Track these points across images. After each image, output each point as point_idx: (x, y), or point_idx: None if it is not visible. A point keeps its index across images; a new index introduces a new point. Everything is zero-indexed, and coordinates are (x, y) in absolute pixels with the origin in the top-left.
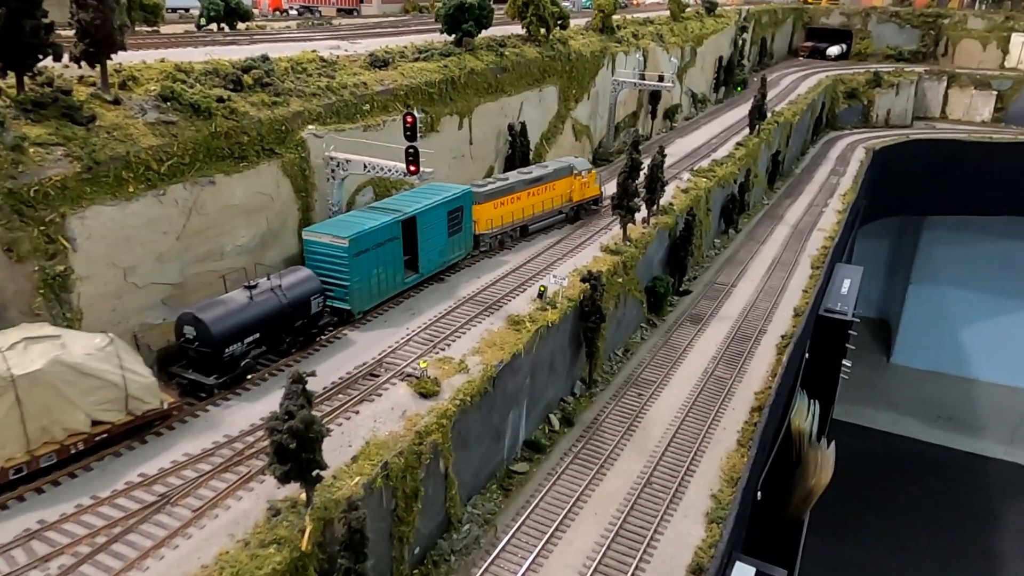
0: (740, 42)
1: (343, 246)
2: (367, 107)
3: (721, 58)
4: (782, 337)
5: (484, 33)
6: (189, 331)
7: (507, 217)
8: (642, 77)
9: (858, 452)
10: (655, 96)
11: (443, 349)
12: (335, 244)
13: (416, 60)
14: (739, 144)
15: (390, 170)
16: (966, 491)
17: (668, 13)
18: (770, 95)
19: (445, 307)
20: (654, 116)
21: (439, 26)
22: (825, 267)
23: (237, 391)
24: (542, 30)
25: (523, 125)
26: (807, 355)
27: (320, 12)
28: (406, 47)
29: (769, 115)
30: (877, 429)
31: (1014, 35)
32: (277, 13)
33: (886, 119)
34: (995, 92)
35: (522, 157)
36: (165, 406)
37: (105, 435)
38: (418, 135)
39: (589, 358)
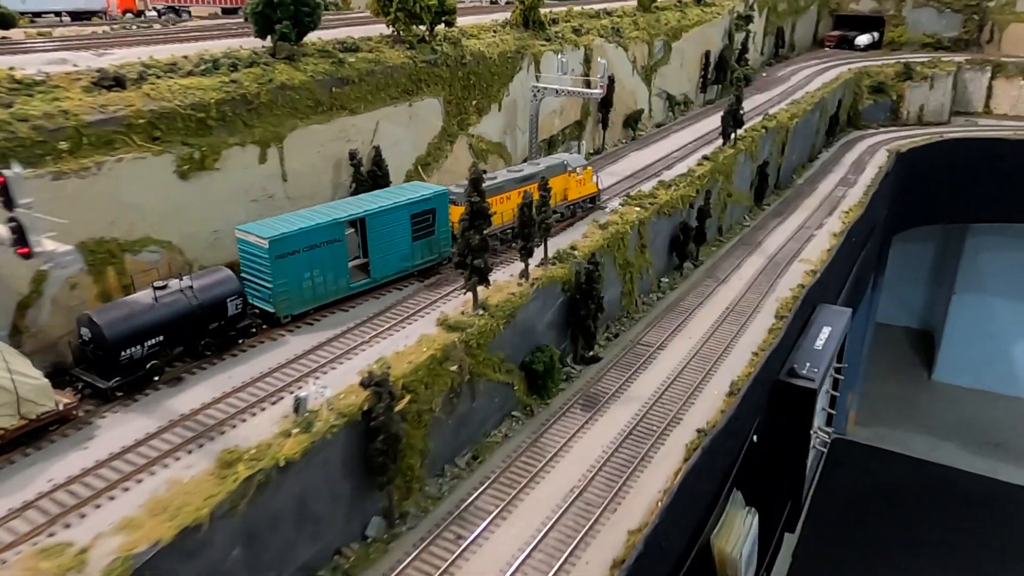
0: (744, 34)
1: (263, 247)
2: (66, 145)
3: (708, 53)
4: (698, 432)
5: (329, 34)
6: (85, 332)
7: (496, 219)
8: (586, 83)
9: (889, 483)
10: (606, 101)
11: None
12: (257, 244)
13: (190, 75)
14: (705, 158)
15: None
16: (1014, 530)
17: (636, 3)
18: (775, 92)
19: (142, 434)
20: (605, 125)
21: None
22: (792, 314)
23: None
24: (416, 28)
25: (377, 150)
26: (753, 439)
27: (190, 13)
28: (186, 57)
29: (761, 119)
30: (912, 456)
31: None
32: (129, 15)
33: (919, 116)
34: None
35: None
36: (61, 407)
37: None
38: (17, 200)
39: (385, 487)
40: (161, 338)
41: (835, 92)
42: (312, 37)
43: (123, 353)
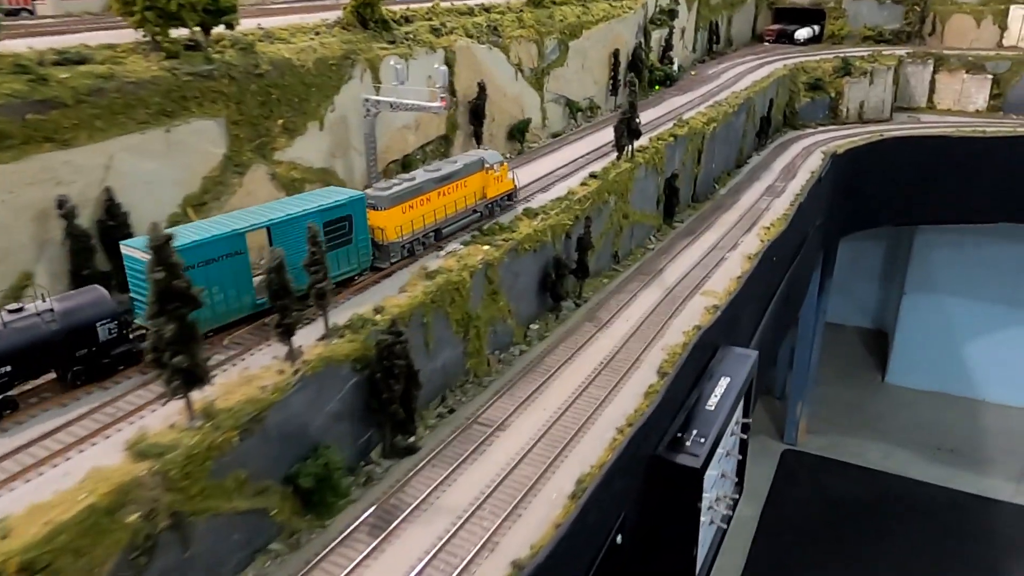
0: (667, 29)
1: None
2: None
3: (617, 52)
4: (513, 566)
5: (45, 42)
6: None
7: (418, 222)
8: (451, 91)
9: (843, 496)
10: (477, 112)
11: None
12: (143, 259)
13: None
14: (593, 176)
15: None
16: (969, 540)
17: None
18: (699, 93)
19: None
20: (479, 139)
21: None
22: (677, 369)
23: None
24: (176, 31)
25: (110, 193)
26: (616, 540)
27: (32, 11)
28: None
29: (671, 126)
30: (866, 467)
31: (1013, 8)
32: None
33: (859, 113)
34: (991, 76)
35: (110, 245)
36: None
37: None
38: None
39: None
40: (8, 368)
41: (766, 91)
42: (4, 46)
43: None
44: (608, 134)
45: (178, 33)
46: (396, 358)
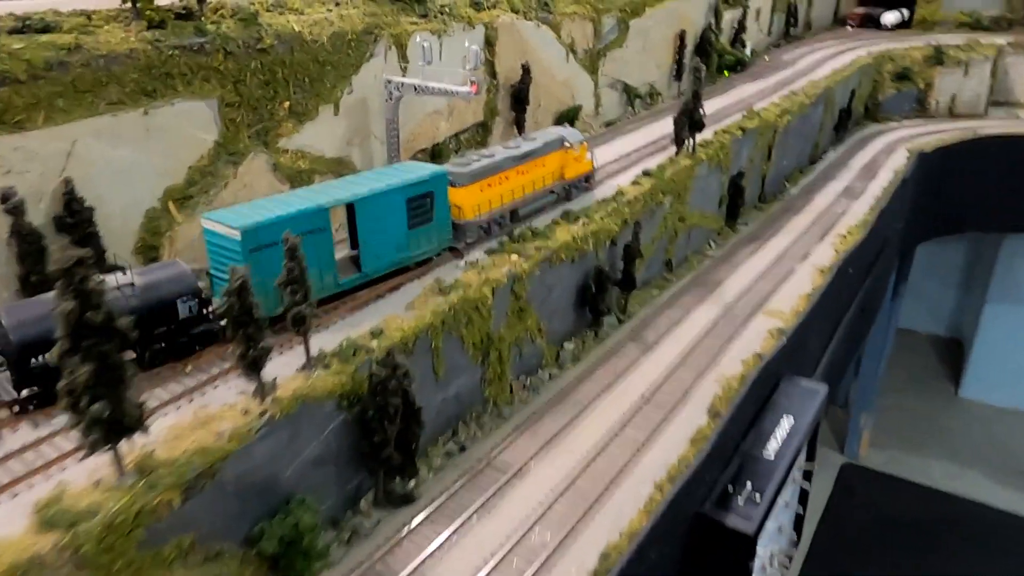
0: (740, 10)
1: (235, 239)
2: None
3: (683, 34)
4: None
5: (5, 6)
6: None
7: (495, 201)
8: (491, 73)
9: (903, 516)
10: (520, 96)
11: None
12: (228, 236)
13: None
14: (646, 173)
15: None
16: None
17: None
18: (772, 81)
19: None
20: (521, 127)
21: None
22: (733, 409)
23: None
24: None
25: (70, 188)
26: None
27: None
28: None
29: (741, 117)
30: (931, 487)
31: None
32: None
33: (950, 107)
34: None
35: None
36: None
37: None
38: None
39: None
40: None
41: (848, 80)
42: None
43: (34, 360)
44: (669, 124)
45: (165, 0)
46: (392, 395)
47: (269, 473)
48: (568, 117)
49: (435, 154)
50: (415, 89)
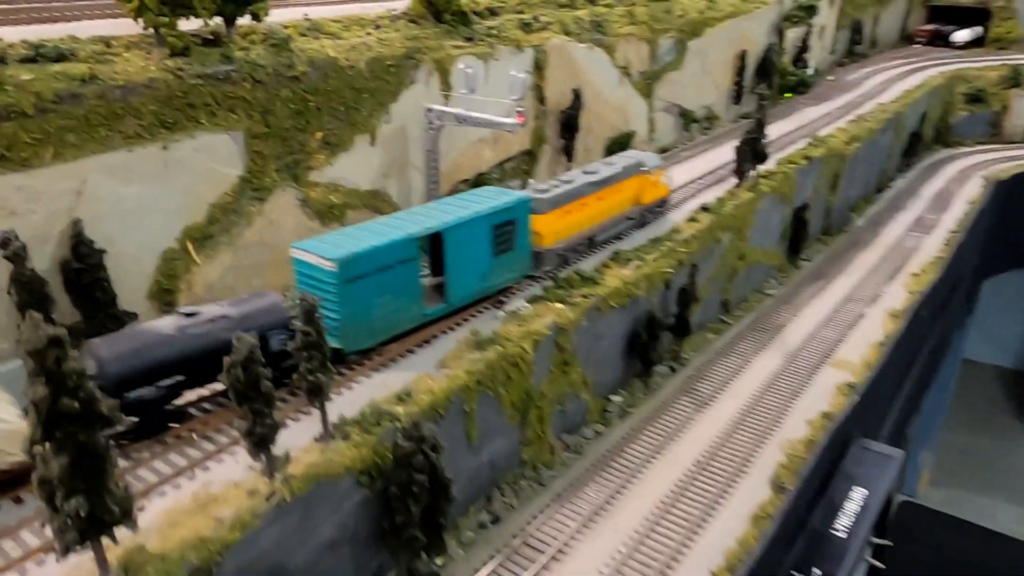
0: (804, 28)
1: (331, 270)
2: None
3: (745, 54)
4: None
5: (21, 32)
6: (91, 365)
7: (574, 227)
8: (539, 98)
9: (964, 560)
10: (569, 123)
11: None
12: (322, 267)
13: None
14: (704, 209)
15: None
16: None
17: None
18: (838, 104)
19: None
20: (570, 155)
21: None
22: (801, 484)
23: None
24: (185, 23)
25: (78, 230)
26: None
27: None
28: None
29: (806, 144)
30: (994, 531)
31: None
32: None
33: None
34: None
35: (80, 292)
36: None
37: None
38: None
39: None
40: (181, 377)
41: (918, 103)
42: None
43: (129, 394)
44: (727, 150)
45: (191, 25)
46: (417, 471)
47: (276, 561)
48: (620, 144)
49: (477, 184)
50: (457, 119)
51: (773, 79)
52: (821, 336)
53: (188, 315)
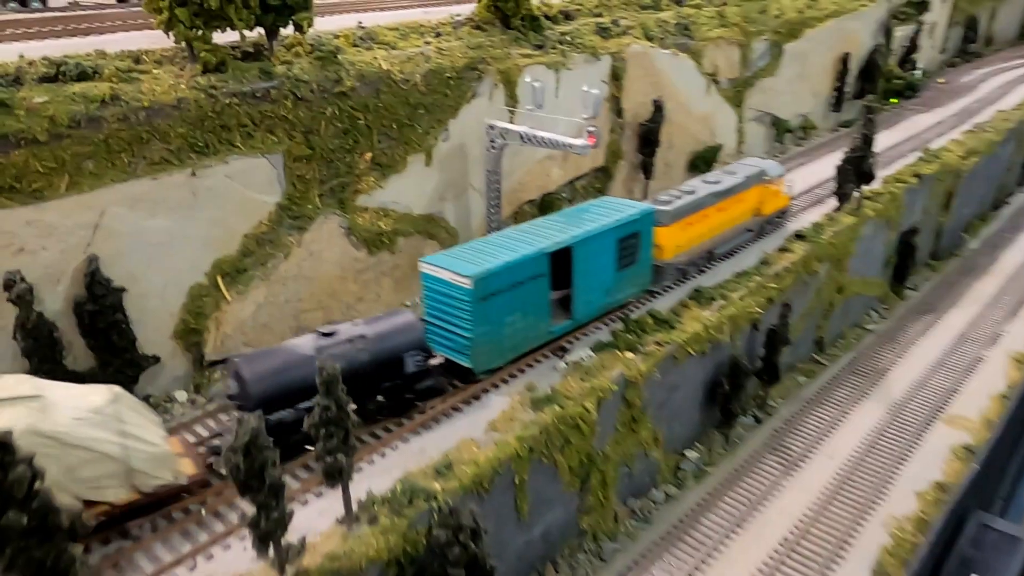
0: (914, 26)
1: (466, 287)
2: None
3: (847, 57)
4: None
5: (46, 47)
6: (232, 386)
7: (695, 239)
8: (616, 110)
9: None
10: (649, 137)
11: None
12: (456, 283)
13: None
14: (799, 237)
15: None
16: None
17: None
18: (951, 111)
19: None
20: (648, 172)
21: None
22: (917, 563)
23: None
24: (219, 35)
25: (94, 267)
26: None
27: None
28: None
29: (916, 159)
30: None
31: None
32: None
33: None
34: None
35: (96, 335)
36: (183, 480)
37: (103, 518)
38: None
39: None
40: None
41: None
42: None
43: (271, 416)
44: (826, 164)
45: (232, 36)
46: (454, 565)
47: None
48: (705, 158)
49: (544, 205)
50: (522, 138)
51: (878, 84)
52: (931, 384)
53: (326, 335)
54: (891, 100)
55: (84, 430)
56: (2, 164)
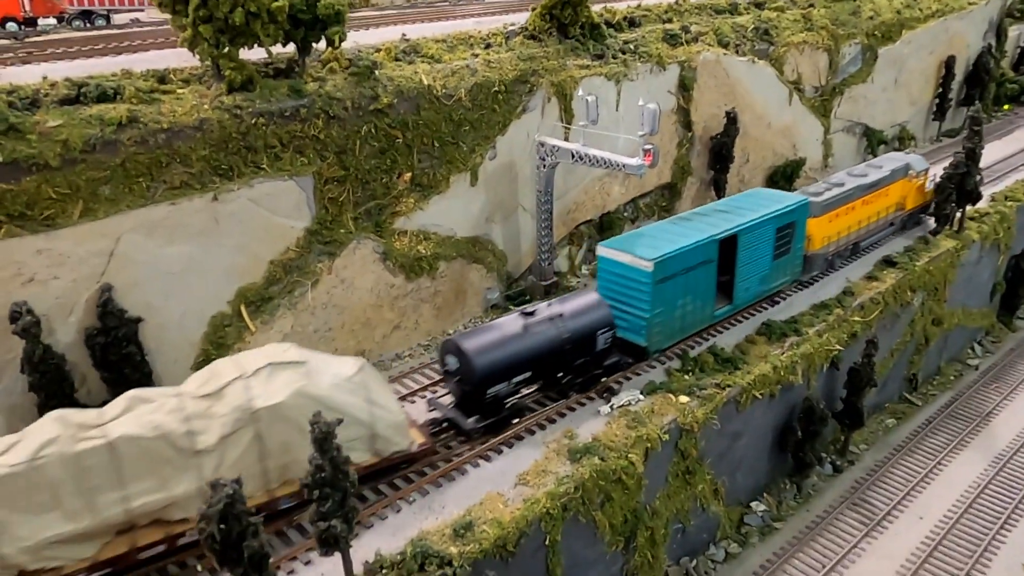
0: None
1: (646, 270)
2: None
3: (952, 61)
4: None
5: (72, 68)
6: (451, 362)
7: (842, 232)
8: (686, 123)
9: None
10: (721, 151)
11: None
12: (636, 267)
13: None
14: (889, 263)
15: None
16: None
17: None
18: None
19: None
20: (720, 189)
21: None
22: None
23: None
24: (244, 49)
25: (107, 297)
26: None
27: (108, 17)
28: None
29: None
30: None
31: None
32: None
33: None
34: None
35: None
36: (414, 448)
37: None
38: None
39: None
40: (529, 374)
41: None
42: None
43: (490, 390)
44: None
45: (262, 53)
46: None
47: None
48: (786, 173)
49: (603, 226)
50: (572, 156)
51: (988, 90)
52: None
53: (528, 314)
54: (1004, 107)
55: (340, 395)
56: (12, 191)
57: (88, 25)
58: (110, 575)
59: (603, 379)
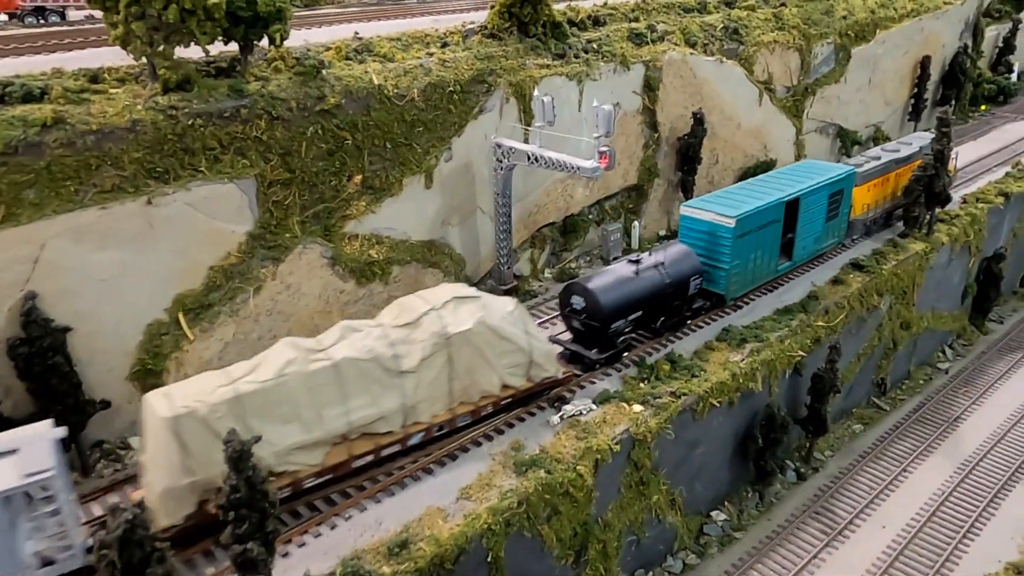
0: (1010, 25)
1: (728, 226)
2: None
3: (927, 60)
4: None
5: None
6: (577, 302)
7: (879, 200)
8: (651, 124)
9: None
10: (688, 152)
11: None
12: (719, 223)
13: None
14: (856, 267)
15: None
16: None
17: None
18: None
19: None
20: (688, 191)
21: None
22: None
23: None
24: (181, 46)
25: (31, 306)
26: None
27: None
28: None
29: (1004, 175)
30: None
31: None
32: None
33: None
34: None
35: (35, 379)
36: (560, 375)
37: (509, 399)
38: None
39: None
40: (640, 313)
41: None
42: None
43: (612, 326)
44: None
45: (204, 52)
46: None
47: None
48: (756, 175)
49: (567, 229)
50: (528, 158)
51: (964, 90)
52: (1012, 437)
53: (634, 261)
54: (981, 107)
55: (508, 327)
56: None
57: (41, 21)
58: (331, 481)
59: (689, 321)
